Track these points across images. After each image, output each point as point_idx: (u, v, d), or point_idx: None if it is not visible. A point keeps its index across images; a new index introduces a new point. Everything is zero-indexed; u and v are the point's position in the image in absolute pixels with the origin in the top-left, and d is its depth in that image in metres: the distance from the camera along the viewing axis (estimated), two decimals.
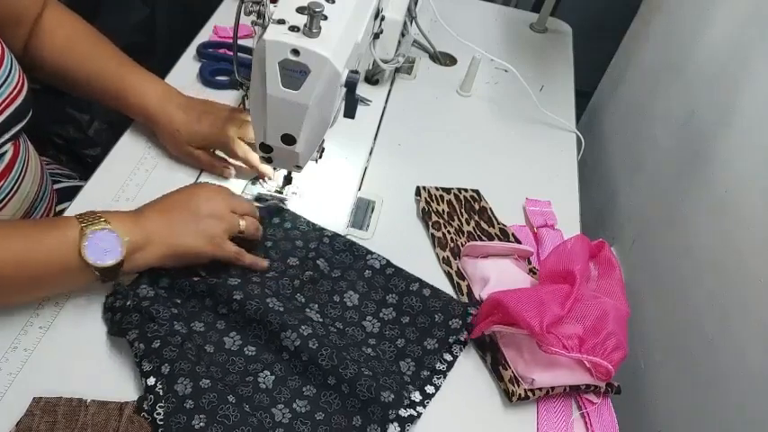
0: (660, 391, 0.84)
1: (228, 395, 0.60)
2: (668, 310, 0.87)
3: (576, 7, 1.71)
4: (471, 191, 0.88)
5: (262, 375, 0.63)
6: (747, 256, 0.72)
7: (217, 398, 0.59)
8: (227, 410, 0.58)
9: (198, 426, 0.57)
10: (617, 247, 1.05)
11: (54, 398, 0.58)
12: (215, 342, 0.65)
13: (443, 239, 0.80)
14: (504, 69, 1.09)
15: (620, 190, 1.12)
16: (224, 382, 0.62)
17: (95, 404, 0.58)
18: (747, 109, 0.79)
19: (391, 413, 0.61)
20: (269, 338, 0.65)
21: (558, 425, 0.66)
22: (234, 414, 0.58)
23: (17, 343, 0.63)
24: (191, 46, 1.02)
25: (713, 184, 0.82)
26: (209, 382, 0.60)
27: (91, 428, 0.57)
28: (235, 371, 0.63)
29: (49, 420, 0.57)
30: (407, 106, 1.02)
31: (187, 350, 0.61)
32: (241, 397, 0.61)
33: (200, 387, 0.59)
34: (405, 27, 0.97)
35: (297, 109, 0.65)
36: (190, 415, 0.57)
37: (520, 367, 0.67)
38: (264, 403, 0.61)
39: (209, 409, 0.58)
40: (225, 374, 0.63)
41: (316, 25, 0.61)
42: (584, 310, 0.66)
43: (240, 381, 0.63)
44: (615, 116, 1.23)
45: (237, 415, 0.58)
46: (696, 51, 0.96)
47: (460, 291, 0.76)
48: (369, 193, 0.87)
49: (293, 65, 0.62)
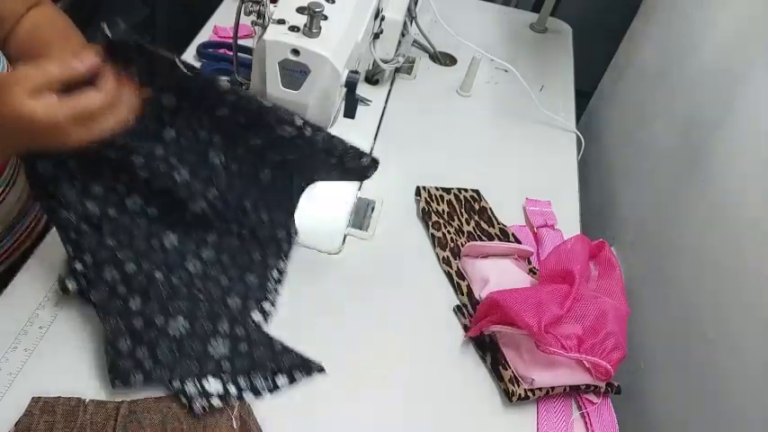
0: (660, 390, 0.84)
1: (155, 272, 0.63)
2: (668, 310, 0.87)
3: (576, 7, 1.71)
4: (471, 191, 0.88)
5: (166, 236, 0.66)
6: (747, 256, 0.72)
7: (146, 279, 0.62)
8: (158, 289, 0.62)
9: (135, 307, 0.62)
10: (617, 247, 1.05)
11: (53, 398, 0.58)
12: (116, 204, 0.64)
13: (443, 239, 0.80)
14: (504, 69, 1.09)
15: (620, 190, 1.12)
16: (133, 249, 0.63)
17: (93, 404, 0.59)
18: (747, 109, 0.79)
19: (284, 246, 0.70)
20: (170, 199, 0.64)
21: (558, 425, 0.66)
22: (165, 288, 0.62)
23: (17, 343, 0.63)
24: (191, 46, 1.02)
25: (713, 184, 0.82)
26: (135, 266, 0.62)
27: (90, 428, 0.57)
28: (139, 234, 0.64)
29: (48, 420, 0.57)
30: (407, 106, 1.02)
31: (105, 236, 0.63)
32: (155, 263, 0.64)
33: (127, 272, 0.62)
34: (405, 27, 0.97)
35: (297, 109, 0.65)
36: (125, 299, 0.62)
37: (520, 367, 0.67)
38: (178, 262, 0.65)
39: (140, 290, 0.62)
40: (131, 239, 0.64)
41: (316, 25, 0.61)
42: (583, 310, 0.66)
43: (147, 247, 0.64)
44: (615, 116, 1.23)
45: (168, 287, 0.63)
46: (696, 51, 0.96)
47: (460, 291, 0.76)
48: (369, 193, 0.87)
49: (293, 65, 0.62)
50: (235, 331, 0.64)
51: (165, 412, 0.59)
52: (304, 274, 0.75)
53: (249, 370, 0.63)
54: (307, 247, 0.78)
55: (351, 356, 0.69)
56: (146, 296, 0.62)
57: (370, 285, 0.76)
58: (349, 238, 0.80)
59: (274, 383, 0.64)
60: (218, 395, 0.61)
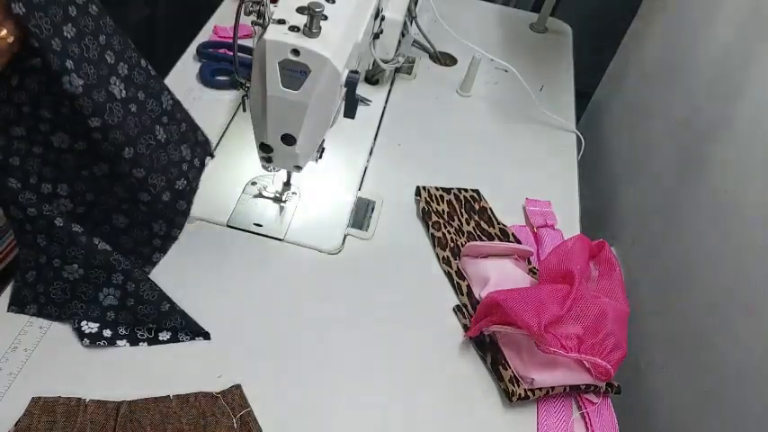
0: (660, 391, 0.84)
1: (56, 219, 0.65)
2: (668, 311, 0.87)
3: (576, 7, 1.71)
4: (471, 191, 0.88)
5: (61, 185, 0.67)
6: (747, 255, 0.72)
7: (47, 224, 0.65)
8: (57, 234, 0.65)
9: (42, 244, 0.65)
10: (617, 247, 1.05)
11: (53, 398, 0.58)
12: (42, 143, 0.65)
13: (443, 239, 0.80)
14: (504, 69, 1.09)
15: (620, 190, 1.12)
16: (35, 193, 0.65)
17: (94, 404, 0.58)
18: (747, 109, 0.79)
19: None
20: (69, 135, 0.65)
21: (558, 425, 0.66)
22: (63, 234, 0.65)
23: (17, 343, 0.63)
24: (191, 46, 1.02)
25: (713, 184, 0.82)
26: (35, 210, 0.64)
27: (89, 428, 0.57)
28: (40, 178, 0.65)
29: (47, 420, 0.57)
30: (407, 106, 1.02)
31: (7, 177, 0.64)
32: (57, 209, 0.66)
33: (29, 215, 0.64)
34: (405, 27, 0.97)
35: (297, 109, 0.65)
36: (33, 235, 0.65)
37: (519, 367, 0.67)
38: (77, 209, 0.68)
39: (44, 231, 0.65)
40: (37, 181, 0.65)
41: (316, 25, 0.61)
42: (583, 310, 0.66)
43: (50, 193, 0.66)
44: (615, 116, 1.23)
45: (66, 234, 0.65)
46: (696, 51, 0.96)
47: (460, 291, 0.76)
48: (369, 193, 0.87)
49: (293, 65, 0.62)
50: (126, 285, 0.66)
51: (165, 412, 0.59)
52: (304, 273, 0.76)
53: (131, 325, 0.66)
54: (307, 247, 0.78)
55: (351, 356, 0.69)
56: (50, 237, 0.65)
57: (369, 285, 0.76)
58: (349, 238, 0.80)
59: (156, 337, 0.67)
60: (90, 335, 0.65)
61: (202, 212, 0.79)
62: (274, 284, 0.74)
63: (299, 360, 0.67)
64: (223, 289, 0.72)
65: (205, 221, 0.78)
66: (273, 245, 0.78)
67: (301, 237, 0.79)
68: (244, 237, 0.78)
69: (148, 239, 0.72)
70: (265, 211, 0.81)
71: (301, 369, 0.67)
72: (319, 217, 0.81)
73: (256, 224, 0.79)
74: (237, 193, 0.82)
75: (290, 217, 0.81)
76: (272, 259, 0.77)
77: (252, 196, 0.82)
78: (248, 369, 0.65)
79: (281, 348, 0.68)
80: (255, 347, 0.68)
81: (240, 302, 0.71)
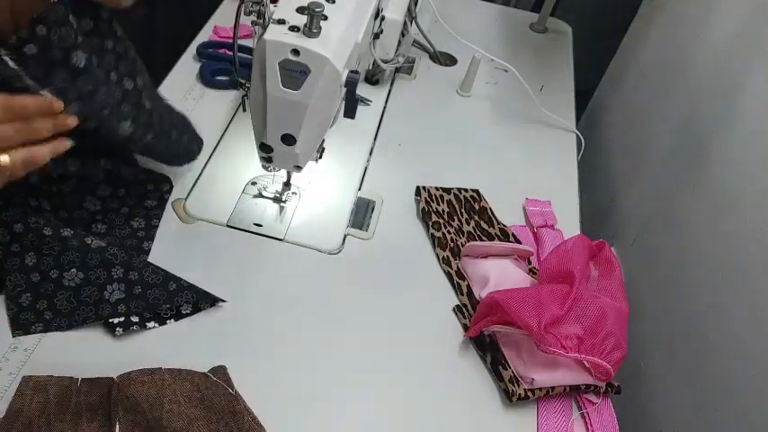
0: (660, 391, 0.84)
1: (44, 228, 0.66)
2: (668, 310, 0.87)
3: (576, 7, 1.71)
4: (471, 191, 0.88)
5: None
6: (747, 256, 0.72)
7: (36, 236, 0.66)
8: (48, 244, 0.66)
9: (31, 263, 0.66)
10: (617, 247, 1.05)
11: (45, 376, 0.58)
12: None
13: (443, 239, 0.80)
14: (504, 69, 1.09)
15: (620, 190, 1.12)
16: (19, 209, 0.67)
17: (86, 383, 0.58)
18: (747, 109, 0.79)
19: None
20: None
21: (558, 425, 0.66)
22: (54, 242, 0.66)
23: (17, 343, 0.63)
24: (191, 46, 1.02)
25: (713, 184, 0.82)
26: (22, 225, 0.66)
27: (85, 409, 0.56)
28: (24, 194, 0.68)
29: (40, 401, 0.56)
30: (407, 106, 1.02)
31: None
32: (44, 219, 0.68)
33: (15, 232, 0.66)
34: (405, 27, 0.97)
35: (297, 109, 0.65)
36: (21, 256, 0.66)
37: (520, 367, 0.67)
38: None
39: (32, 247, 0.66)
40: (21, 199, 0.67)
41: (316, 25, 0.61)
42: (583, 310, 0.66)
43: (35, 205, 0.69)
44: (615, 116, 1.23)
45: (57, 241, 0.67)
46: (696, 51, 0.96)
47: (460, 291, 0.76)
48: (369, 193, 0.87)
49: (293, 65, 0.62)
50: (129, 276, 0.67)
51: (160, 384, 0.59)
52: (304, 273, 0.76)
53: (143, 312, 0.67)
54: (307, 247, 0.78)
55: (350, 356, 0.69)
56: (39, 252, 0.66)
57: (369, 285, 0.76)
58: (349, 237, 0.80)
59: (178, 312, 0.68)
60: (120, 323, 0.66)
61: (202, 212, 0.79)
62: (274, 284, 0.74)
63: (299, 360, 0.67)
64: (223, 289, 0.72)
65: (205, 221, 0.78)
66: (273, 245, 0.78)
67: (301, 237, 0.79)
68: (244, 237, 0.78)
69: (131, 234, 0.74)
70: (265, 211, 0.81)
71: (301, 369, 0.67)
72: (319, 217, 0.80)
73: (256, 224, 0.79)
74: (237, 193, 0.82)
75: (290, 217, 0.81)
76: (272, 259, 0.77)
77: (252, 196, 0.82)
78: (248, 369, 0.65)
79: (280, 348, 0.68)
80: (255, 347, 0.68)
81: (240, 302, 0.71)
